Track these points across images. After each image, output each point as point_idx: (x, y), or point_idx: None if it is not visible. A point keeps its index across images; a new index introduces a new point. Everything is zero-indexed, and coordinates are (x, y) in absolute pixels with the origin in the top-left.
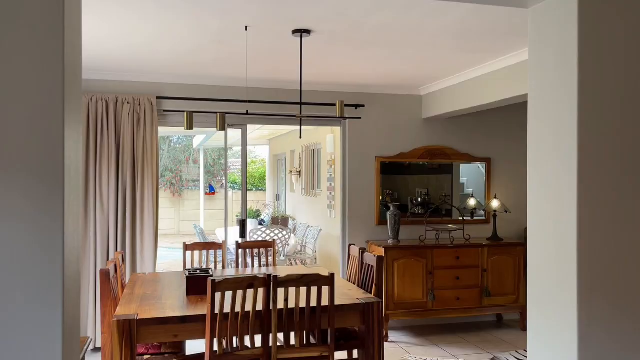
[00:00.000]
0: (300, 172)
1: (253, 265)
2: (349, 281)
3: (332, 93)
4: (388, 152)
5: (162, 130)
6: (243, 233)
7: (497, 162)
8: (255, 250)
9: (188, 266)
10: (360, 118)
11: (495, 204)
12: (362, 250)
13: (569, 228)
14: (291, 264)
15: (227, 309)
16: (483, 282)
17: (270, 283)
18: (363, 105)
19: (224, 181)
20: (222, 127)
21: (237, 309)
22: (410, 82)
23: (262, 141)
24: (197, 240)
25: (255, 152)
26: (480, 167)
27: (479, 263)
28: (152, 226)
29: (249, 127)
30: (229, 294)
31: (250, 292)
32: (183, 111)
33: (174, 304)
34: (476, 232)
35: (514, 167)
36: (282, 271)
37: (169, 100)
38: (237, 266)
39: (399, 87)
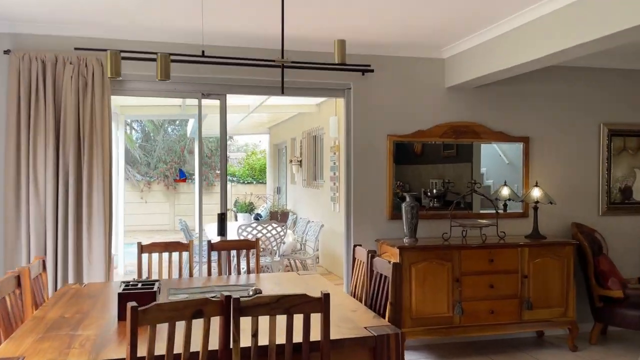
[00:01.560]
0: (301, 161)
1: (230, 272)
2: (354, 295)
3: (332, 54)
4: (403, 129)
5: (120, 101)
6: (222, 230)
7: (537, 141)
8: (235, 252)
9: (145, 274)
10: (372, 70)
11: (536, 193)
12: (372, 255)
13: None
14: (289, 265)
15: (161, 349)
16: (523, 291)
17: (229, 309)
18: (372, 70)
19: (218, 171)
20: (166, 75)
21: (178, 349)
22: (430, 40)
23: (262, 129)
24: (183, 238)
25: (260, 147)
26: (502, 154)
27: (517, 267)
28: (102, 221)
29: (240, 108)
30: (163, 328)
31: (198, 324)
32: (145, 74)
33: (91, 337)
34: (510, 228)
35: (558, 148)
36: (265, 281)
37: (125, 62)
38: (209, 273)
39: (416, 48)
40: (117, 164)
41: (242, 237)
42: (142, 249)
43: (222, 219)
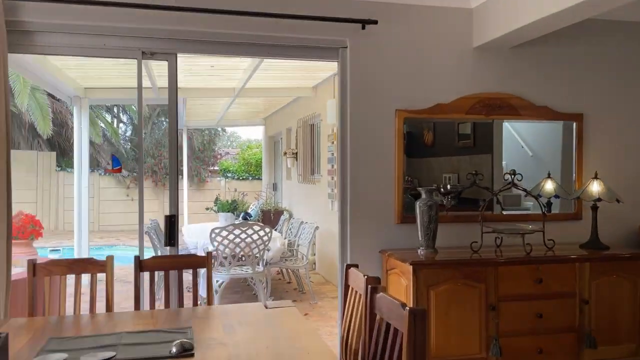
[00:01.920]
0: (296, 153)
1: (168, 303)
2: (345, 345)
3: (320, 5)
4: (416, 103)
5: (83, 82)
6: (171, 237)
7: (592, 120)
8: (177, 274)
9: (39, 310)
10: (375, 22)
11: (596, 187)
12: (372, 287)
13: None
14: (280, 272)
15: None
16: (582, 322)
17: None
18: (375, 22)
19: (212, 167)
20: None
21: None
22: None
23: (257, 120)
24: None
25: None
26: (524, 146)
27: (575, 289)
28: None
29: (224, 91)
30: None
31: None
32: (58, 23)
33: None
34: (557, 234)
35: (620, 129)
36: (213, 321)
37: (30, 3)
38: (137, 306)
39: None
40: (79, 155)
41: (215, 244)
42: (34, 269)
43: (171, 223)
